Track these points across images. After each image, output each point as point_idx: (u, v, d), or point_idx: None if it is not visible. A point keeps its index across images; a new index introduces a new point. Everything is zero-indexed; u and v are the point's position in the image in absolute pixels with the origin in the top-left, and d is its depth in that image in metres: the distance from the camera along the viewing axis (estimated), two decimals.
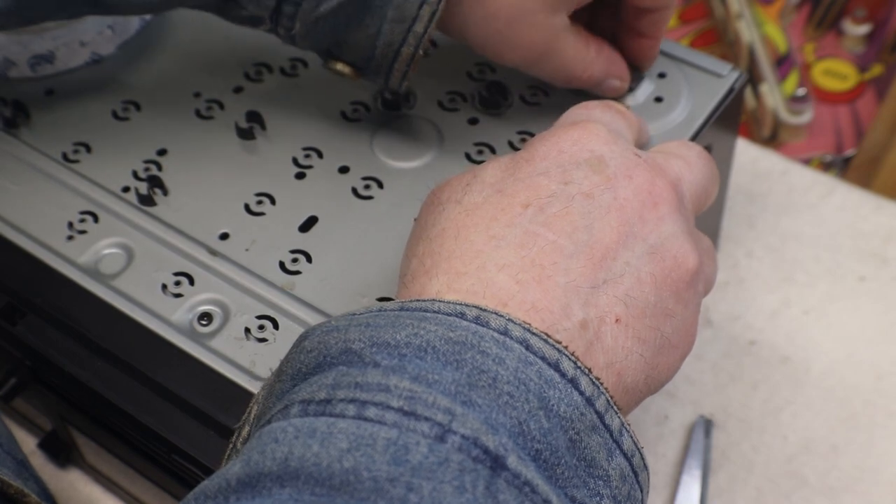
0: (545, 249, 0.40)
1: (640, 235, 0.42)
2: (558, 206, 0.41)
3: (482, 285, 0.40)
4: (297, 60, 0.61)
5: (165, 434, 0.49)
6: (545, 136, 0.44)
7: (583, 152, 0.43)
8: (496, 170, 0.44)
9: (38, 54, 0.61)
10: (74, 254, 0.54)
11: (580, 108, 0.48)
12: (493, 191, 0.42)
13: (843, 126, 0.81)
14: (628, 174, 0.43)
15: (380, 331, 0.38)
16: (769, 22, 0.85)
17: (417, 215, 0.46)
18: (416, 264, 0.42)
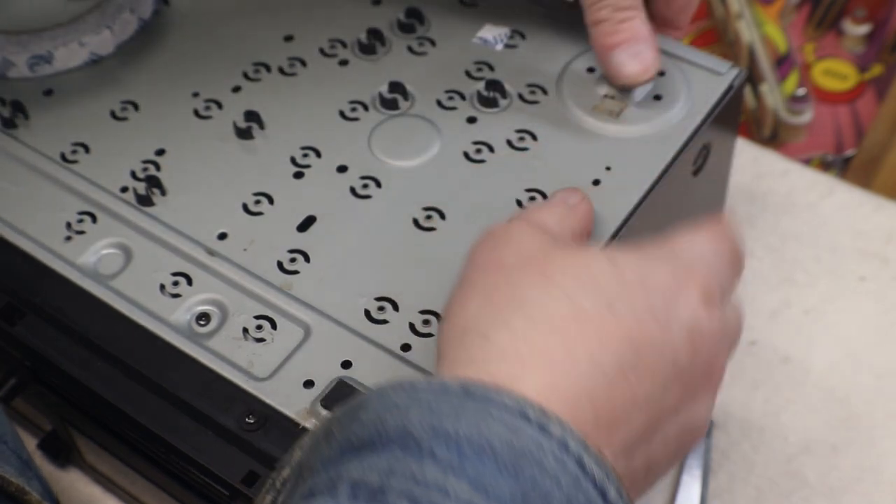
0: (625, 395, 0.41)
1: (685, 411, 0.43)
2: (652, 358, 0.41)
3: (569, 410, 0.39)
4: (295, 59, 0.61)
5: (164, 434, 0.49)
6: (665, 264, 0.44)
7: (687, 309, 0.43)
8: (610, 276, 0.43)
9: (37, 54, 0.61)
10: (73, 254, 0.54)
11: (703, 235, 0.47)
12: (605, 304, 0.42)
13: (843, 126, 0.81)
14: (709, 351, 0.43)
15: (442, 418, 0.37)
16: (769, 22, 0.85)
17: (505, 249, 0.45)
18: (509, 340, 0.41)
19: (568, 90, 0.58)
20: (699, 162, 0.57)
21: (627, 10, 0.55)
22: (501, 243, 0.45)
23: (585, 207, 0.50)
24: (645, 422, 0.41)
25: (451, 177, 0.55)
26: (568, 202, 0.49)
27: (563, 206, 0.49)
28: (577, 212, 0.49)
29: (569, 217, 0.48)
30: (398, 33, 0.62)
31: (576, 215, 0.49)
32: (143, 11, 0.64)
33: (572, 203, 0.49)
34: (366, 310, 0.51)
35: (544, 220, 0.47)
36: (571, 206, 0.49)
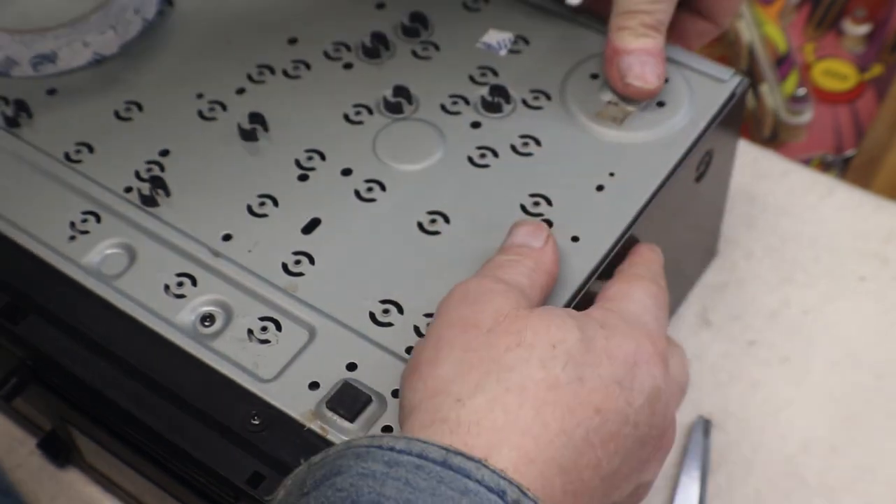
0: (591, 465, 0.42)
1: (641, 472, 0.46)
2: (616, 427, 0.43)
3: (541, 482, 0.40)
4: (299, 62, 0.61)
5: (168, 435, 0.49)
6: (626, 334, 0.45)
7: (649, 378, 0.45)
8: (581, 344, 0.44)
9: (41, 54, 0.61)
10: (77, 254, 0.54)
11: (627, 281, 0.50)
12: (576, 375, 0.43)
13: (842, 126, 0.81)
14: (664, 413, 0.46)
15: (418, 495, 0.38)
16: (769, 22, 0.85)
17: (478, 308, 0.45)
18: (485, 406, 0.41)
19: (572, 96, 0.58)
20: (702, 168, 0.57)
21: (652, 30, 0.55)
22: (476, 302, 0.45)
23: (551, 253, 0.50)
24: (606, 487, 0.43)
25: (456, 181, 0.55)
26: (532, 245, 0.50)
27: (530, 259, 0.49)
28: (544, 262, 0.49)
29: (537, 271, 0.49)
30: (402, 37, 0.62)
31: (543, 268, 0.49)
32: (147, 12, 0.64)
33: (537, 246, 0.49)
34: (370, 312, 0.51)
35: (515, 279, 0.47)
36: (537, 254, 0.49)
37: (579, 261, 0.51)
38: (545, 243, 0.49)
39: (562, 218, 0.53)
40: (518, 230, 0.50)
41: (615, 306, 0.48)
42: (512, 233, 0.51)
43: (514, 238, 0.50)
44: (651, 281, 0.50)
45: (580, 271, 0.51)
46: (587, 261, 0.51)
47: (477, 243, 0.53)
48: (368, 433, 0.47)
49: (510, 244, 0.50)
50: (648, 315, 0.48)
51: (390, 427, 0.47)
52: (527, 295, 0.47)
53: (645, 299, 0.49)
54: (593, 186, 0.54)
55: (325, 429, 0.47)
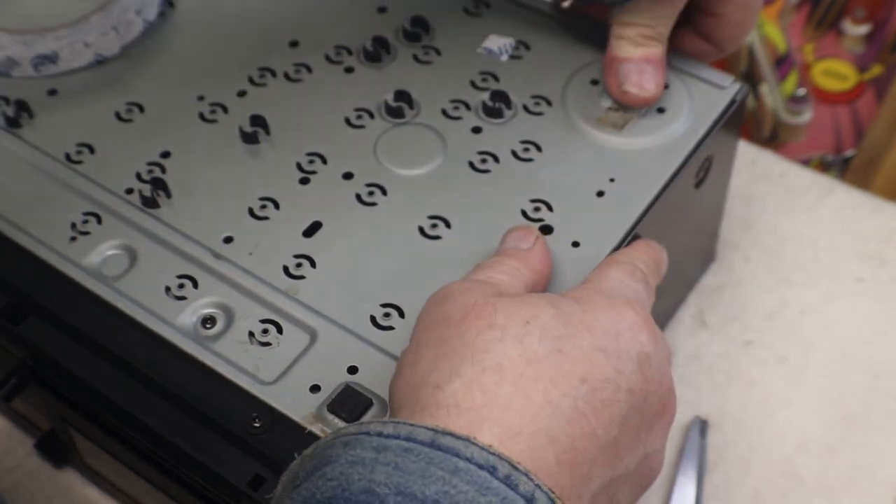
0: (585, 434, 0.41)
1: (644, 442, 0.45)
2: (608, 394, 0.42)
3: (531, 454, 0.40)
4: (300, 65, 0.61)
5: (169, 437, 0.49)
6: (605, 306, 0.45)
7: (636, 344, 0.44)
8: (556, 320, 0.43)
9: (42, 54, 0.61)
10: (77, 255, 0.54)
11: (605, 263, 0.50)
12: (554, 347, 0.42)
13: (842, 126, 0.81)
14: (660, 380, 0.45)
15: (408, 478, 0.37)
16: (769, 22, 0.85)
17: (449, 304, 0.45)
18: (462, 389, 0.41)
19: (572, 102, 0.58)
20: (701, 174, 0.58)
21: (651, 40, 0.56)
22: (446, 300, 0.45)
23: (539, 253, 0.50)
24: (606, 459, 0.42)
25: (457, 186, 0.55)
26: (520, 247, 0.50)
27: (516, 258, 0.49)
28: (531, 261, 0.49)
29: (522, 271, 0.48)
30: (403, 42, 0.62)
31: (530, 266, 0.49)
32: (148, 13, 0.64)
33: (525, 248, 0.50)
34: (371, 316, 0.51)
35: (493, 278, 0.47)
36: (524, 254, 0.49)
37: (579, 266, 0.52)
38: (533, 244, 0.50)
39: (562, 223, 0.53)
40: (508, 236, 0.51)
41: (590, 286, 0.48)
42: (503, 240, 0.51)
43: (504, 243, 0.51)
44: (627, 264, 0.49)
45: (580, 278, 0.51)
46: (587, 267, 0.51)
47: (477, 248, 0.53)
48: None
49: (500, 250, 0.50)
50: (627, 289, 0.48)
51: None
52: (502, 290, 0.46)
53: (621, 276, 0.48)
54: (594, 192, 0.54)
55: (326, 432, 0.47)
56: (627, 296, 0.47)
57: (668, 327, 0.68)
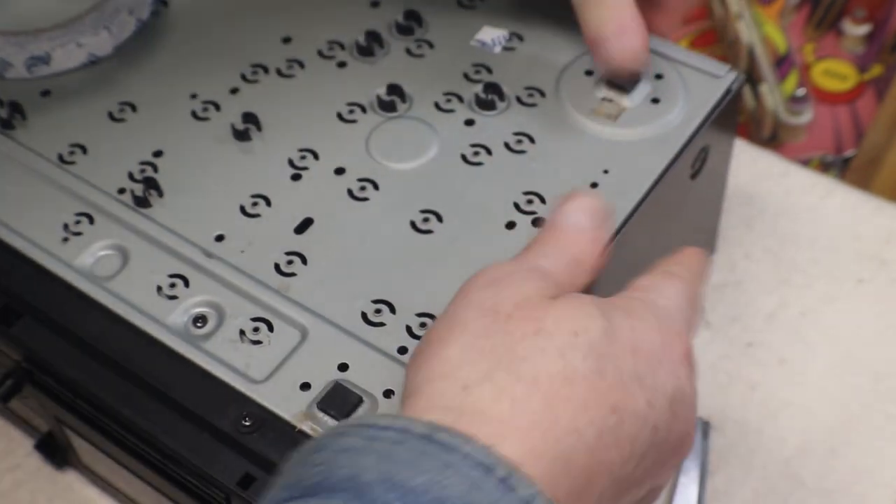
0: (602, 464, 0.39)
1: (654, 476, 0.43)
2: (633, 429, 0.40)
3: (547, 478, 0.38)
4: (293, 61, 0.61)
5: (159, 436, 0.49)
6: (655, 329, 0.43)
7: (674, 378, 0.42)
8: (605, 336, 0.41)
9: (35, 55, 0.61)
10: (70, 255, 0.54)
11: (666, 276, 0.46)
12: (595, 367, 0.40)
13: (842, 126, 0.81)
14: (686, 417, 0.43)
15: (397, 467, 0.36)
16: (769, 22, 0.85)
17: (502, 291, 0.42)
18: (491, 395, 0.39)
19: (566, 93, 0.58)
20: (697, 165, 0.57)
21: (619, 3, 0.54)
22: (500, 286, 0.42)
23: (600, 244, 0.46)
24: (616, 491, 0.41)
25: (449, 179, 0.55)
26: (585, 228, 0.46)
27: (579, 247, 0.45)
28: (593, 254, 0.46)
29: (579, 267, 0.45)
30: (396, 35, 0.62)
31: (587, 263, 0.45)
32: (141, 12, 0.64)
33: (590, 231, 0.46)
34: (363, 312, 0.51)
35: (552, 271, 0.44)
36: (589, 243, 0.46)
37: None
38: (600, 227, 0.46)
39: None
40: (574, 204, 0.46)
41: (645, 296, 0.45)
42: (567, 204, 0.46)
43: (569, 213, 0.46)
44: (687, 282, 0.46)
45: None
46: None
47: (470, 242, 0.52)
48: None
49: (560, 221, 0.46)
50: (679, 314, 0.45)
51: None
52: (559, 289, 0.43)
53: (677, 297, 0.45)
54: (588, 184, 0.54)
55: (316, 430, 0.47)
56: (678, 322, 0.44)
57: None
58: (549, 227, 0.46)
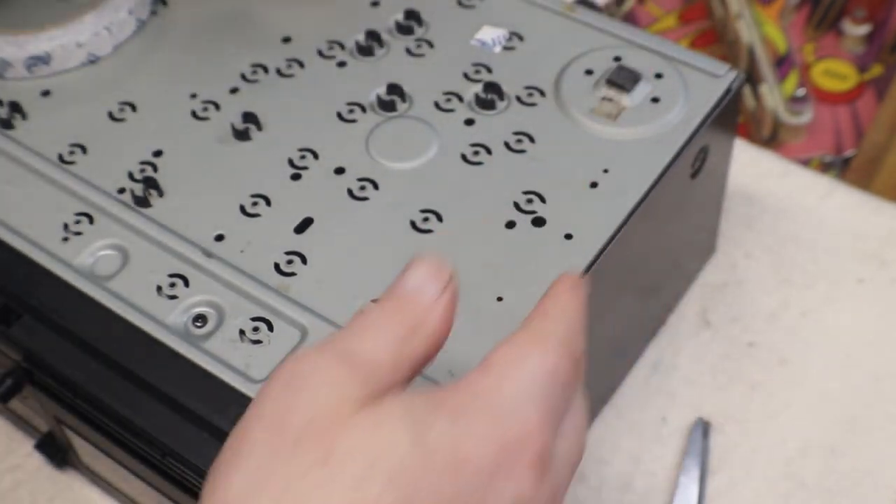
0: None
1: None
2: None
3: None
4: (293, 61, 0.61)
5: (159, 436, 0.49)
6: (488, 437, 0.35)
7: (513, 488, 0.35)
8: (415, 458, 0.34)
9: (35, 55, 0.61)
10: (69, 255, 0.54)
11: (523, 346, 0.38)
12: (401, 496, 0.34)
13: (842, 126, 0.81)
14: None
15: None
16: (769, 22, 0.85)
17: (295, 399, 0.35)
18: None
19: (566, 92, 0.58)
20: (697, 165, 0.57)
21: None
22: (297, 389, 0.36)
23: (445, 311, 0.38)
24: None
25: (449, 179, 0.55)
26: (424, 293, 0.38)
27: (412, 317, 0.38)
28: (431, 323, 0.38)
29: (415, 338, 0.37)
30: (396, 35, 0.62)
31: (427, 330, 0.38)
32: (140, 12, 0.64)
33: (431, 295, 0.38)
34: None
35: (372, 352, 0.37)
36: (426, 310, 0.38)
37: (572, 259, 0.51)
38: (441, 294, 0.38)
39: (555, 215, 0.53)
40: (414, 268, 0.39)
41: (489, 385, 0.36)
42: (406, 269, 0.39)
43: (407, 279, 0.39)
44: (553, 347, 0.37)
45: (573, 271, 0.51)
46: (580, 259, 0.51)
47: (470, 242, 0.52)
48: None
49: (398, 286, 0.39)
50: (531, 404, 0.36)
51: None
52: (380, 376, 0.36)
53: (534, 378, 0.37)
54: (587, 183, 0.54)
55: None
56: (526, 417, 0.36)
57: (672, 324, 0.67)
58: (383, 295, 0.39)
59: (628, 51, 0.59)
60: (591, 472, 0.62)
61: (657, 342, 0.66)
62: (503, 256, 0.52)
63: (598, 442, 0.63)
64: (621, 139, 0.55)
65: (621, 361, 0.64)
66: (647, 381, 0.65)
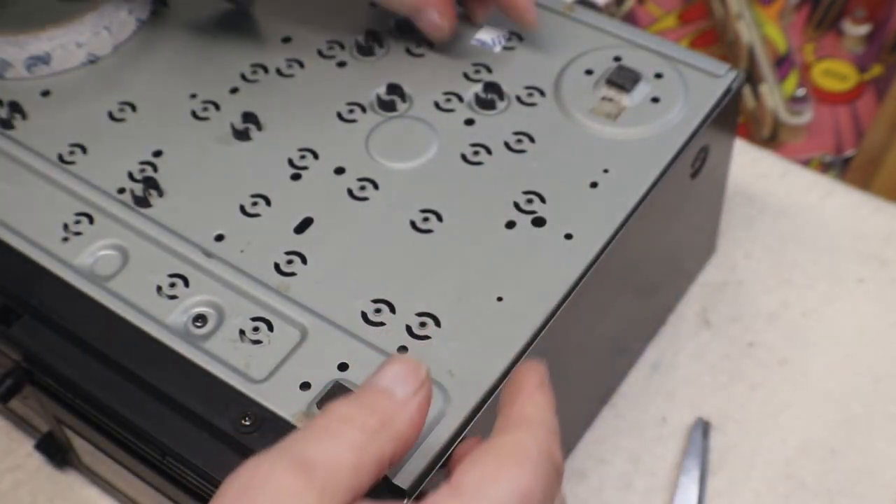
0: None
1: None
2: None
3: None
4: (293, 61, 0.61)
5: (159, 436, 0.49)
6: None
7: None
8: None
9: (35, 55, 0.61)
10: (69, 255, 0.54)
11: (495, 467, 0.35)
12: None
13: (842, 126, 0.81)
14: None
15: None
16: (769, 22, 0.85)
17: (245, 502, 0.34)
18: None
19: (566, 92, 0.58)
20: (697, 164, 0.57)
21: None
22: (248, 499, 0.34)
23: (416, 413, 0.37)
24: None
25: (449, 179, 0.55)
26: (395, 393, 0.37)
27: (380, 415, 0.36)
28: (400, 420, 0.37)
29: (380, 438, 0.36)
30: (396, 35, 0.62)
31: (395, 430, 0.36)
32: (140, 12, 0.63)
33: (400, 396, 0.37)
34: (362, 312, 0.50)
35: (329, 459, 0.35)
36: (396, 408, 0.37)
37: (572, 259, 0.51)
38: (414, 394, 0.37)
39: (555, 215, 0.53)
40: (386, 368, 0.38)
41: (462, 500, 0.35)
42: (381, 368, 0.38)
43: (378, 378, 0.38)
44: (530, 467, 0.35)
45: (573, 270, 0.51)
46: (580, 259, 0.51)
47: (470, 241, 0.52)
48: None
49: (370, 383, 0.38)
50: None
51: None
52: (338, 481, 0.34)
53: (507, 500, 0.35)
54: (587, 183, 0.54)
55: None
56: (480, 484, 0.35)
57: (672, 323, 0.67)
58: (353, 394, 0.38)
59: (628, 51, 0.59)
60: (591, 472, 0.62)
61: (657, 342, 0.66)
62: (503, 256, 0.52)
63: (598, 442, 0.63)
64: (621, 139, 0.55)
65: (621, 361, 0.64)
66: (647, 381, 0.65)
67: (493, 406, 0.48)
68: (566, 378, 0.56)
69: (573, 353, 0.55)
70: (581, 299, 0.51)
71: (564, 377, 0.55)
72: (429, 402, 0.37)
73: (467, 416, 0.47)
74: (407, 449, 0.37)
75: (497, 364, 0.48)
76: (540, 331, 0.49)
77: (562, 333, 0.51)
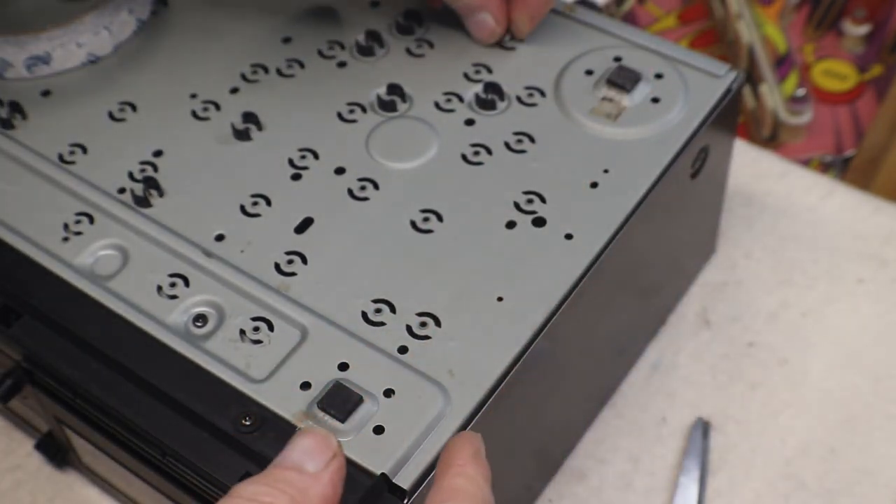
0: None
1: None
2: None
3: None
4: (293, 61, 0.61)
5: (159, 436, 0.49)
6: None
7: None
8: None
9: (35, 55, 0.61)
10: (70, 255, 0.54)
11: None
12: None
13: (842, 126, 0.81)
14: None
15: None
16: (769, 22, 0.85)
17: None
18: None
19: (566, 92, 0.58)
20: (697, 165, 0.57)
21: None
22: None
23: (327, 484, 0.37)
24: None
25: (449, 179, 0.55)
26: (305, 468, 0.37)
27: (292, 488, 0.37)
28: (312, 495, 0.37)
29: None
30: (397, 35, 0.62)
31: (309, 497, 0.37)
32: (141, 12, 0.63)
33: (310, 471, 0.37)
34: (363, 312, 0.50)
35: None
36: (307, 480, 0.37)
37: (573, 259, 0.51)
38: (324, 468, 0.37)
39: (555, 215, 0.53)
40: (296, 443, 0.39)
41: None
42: (289, 444, 0.39)
43: (289, 454, 0.38)
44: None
45: (573, 270, 0.51)
46: (581, 259, 0.51)
47: (470, 241, 0.52)
48: (360, 433, 0.46)
49: (279, 462, 0.38)
50: None
51: (381, 427, 0.46)
52: None
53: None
54: (588, 183, 0.54)
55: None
56: None
57: (672, 323, 0.67)
58: (266, 471, 0.39)
59: (628, 51, 0.59)
60: (591, 472, 0.62)
61: (657, 342, 0.66)
62: (503, 256, 0.52)
63: (598, 442, 0.63)
64: (621, 139, 0.55)
65: (621, 361, 0.64)
66: (647, 381, 0.65)
67: (494, 406, 0.48)
68: (566, 378, 0.56)
69: (573, 353, 0.55)
70: (581, 299, 0.51)
71: (564, 377, 0.55)
72: (342, 474, 0.37)
73: (467, 416, 0.47)
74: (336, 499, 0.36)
75: (497, 364, 0.48)
76: (540, 331, 0.49)
77: (562, 333, 0.51)
